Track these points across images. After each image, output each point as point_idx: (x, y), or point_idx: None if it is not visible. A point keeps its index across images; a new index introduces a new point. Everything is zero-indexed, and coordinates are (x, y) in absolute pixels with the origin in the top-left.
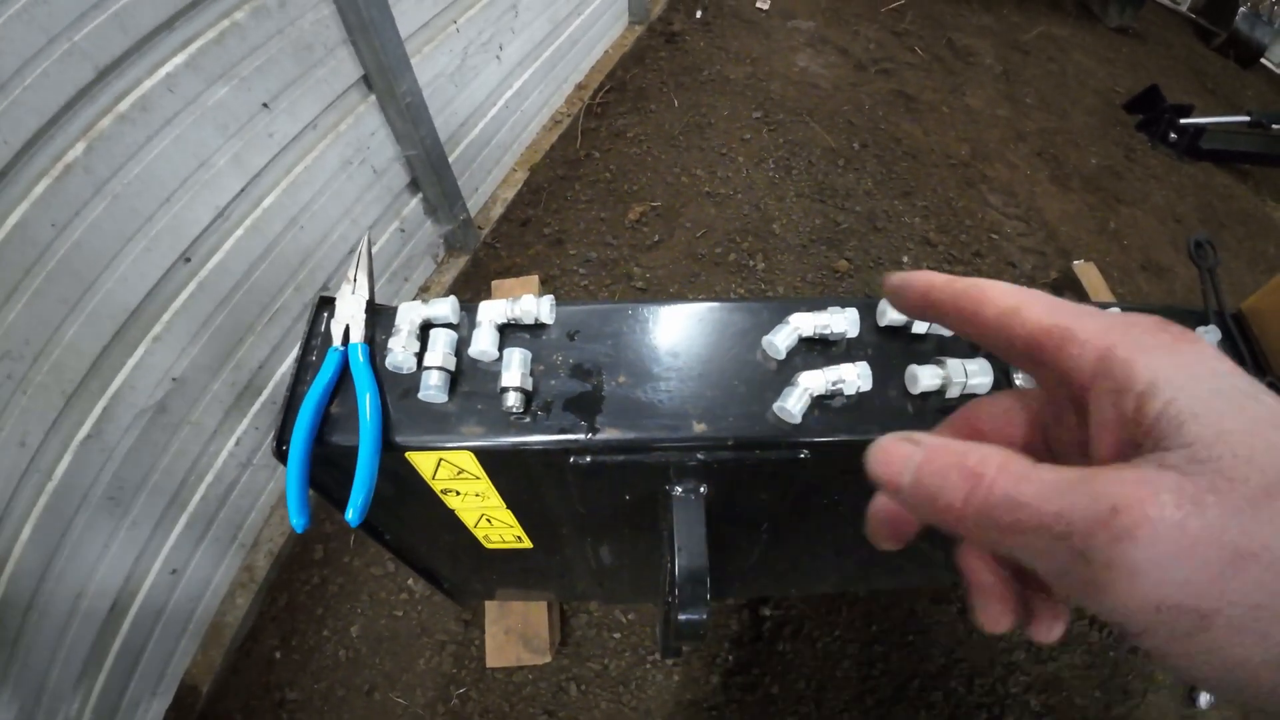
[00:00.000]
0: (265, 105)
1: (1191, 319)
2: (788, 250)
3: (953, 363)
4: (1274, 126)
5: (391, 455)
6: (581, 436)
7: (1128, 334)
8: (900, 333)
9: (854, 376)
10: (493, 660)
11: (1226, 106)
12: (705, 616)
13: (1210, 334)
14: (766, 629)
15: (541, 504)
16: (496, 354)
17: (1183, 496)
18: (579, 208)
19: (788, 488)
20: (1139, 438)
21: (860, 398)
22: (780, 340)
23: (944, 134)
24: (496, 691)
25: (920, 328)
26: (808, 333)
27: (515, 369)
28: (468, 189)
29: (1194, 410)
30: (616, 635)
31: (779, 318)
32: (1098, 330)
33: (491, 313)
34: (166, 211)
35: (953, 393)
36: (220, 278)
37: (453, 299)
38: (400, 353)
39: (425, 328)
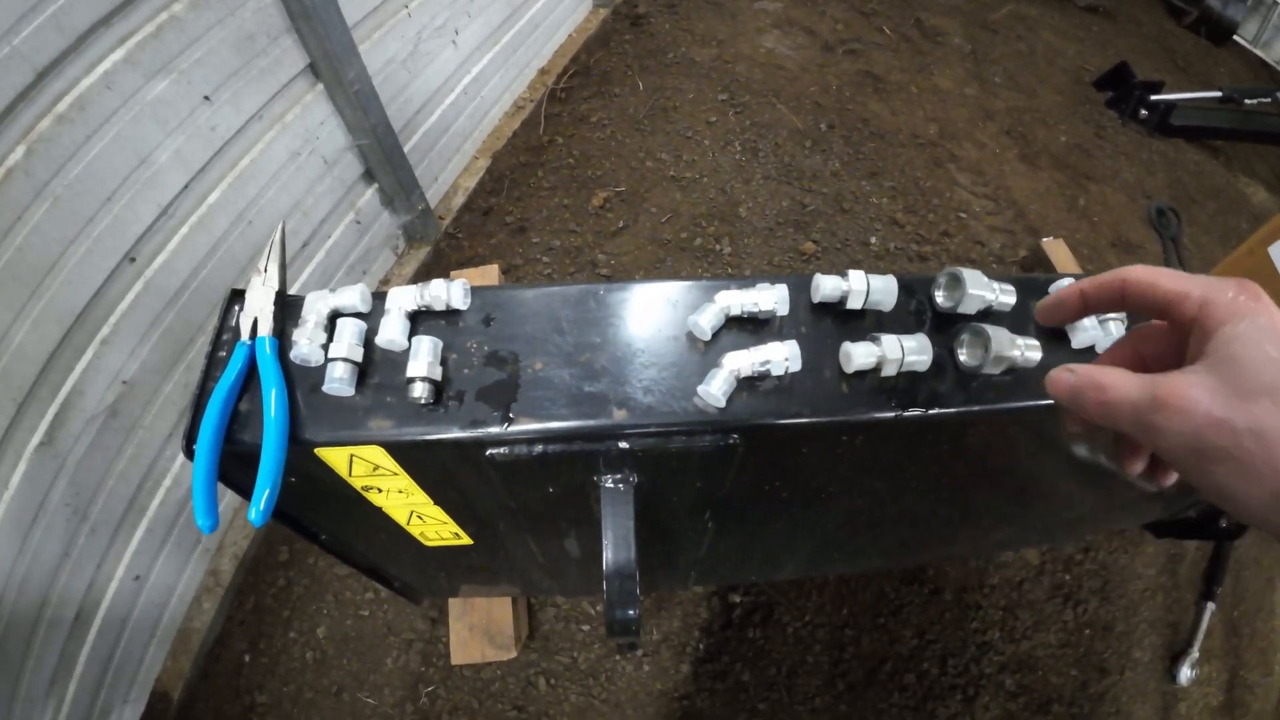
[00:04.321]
0: (206, 98)
1: None
2: (754, 233)
3: (888, 339)
4: (1246, 101)
5: (301, 452)
6: (495, 428)
7: (1213, 295)
8: (834, 309)
9: (781, 356)
10: (457, 658)
11: (1198, 84)
12: (636, 613)
13: None
14: (736, 616)
15: (470, 500)
16: (406, 343)
17: (1197, 389)
18: (542, 195)
19: (724, 474)
20: (1205, 355)
21: (791, 379)
22: (705, 320)
23: (912, 114)
24: (465, 688)
25: (855, 303)
26: (735, 311)
27: (423, 358)
28: (426, 178)
29: (1227, 343)
30: (585, 628)
31: (707, 297)
32: (1203, 292)
33: (401, 300)
34: (108, 211)
35: (889, 371)
36: (167, 277)
37: (361, 286)
38: (306, 345)
39: (334, 318)
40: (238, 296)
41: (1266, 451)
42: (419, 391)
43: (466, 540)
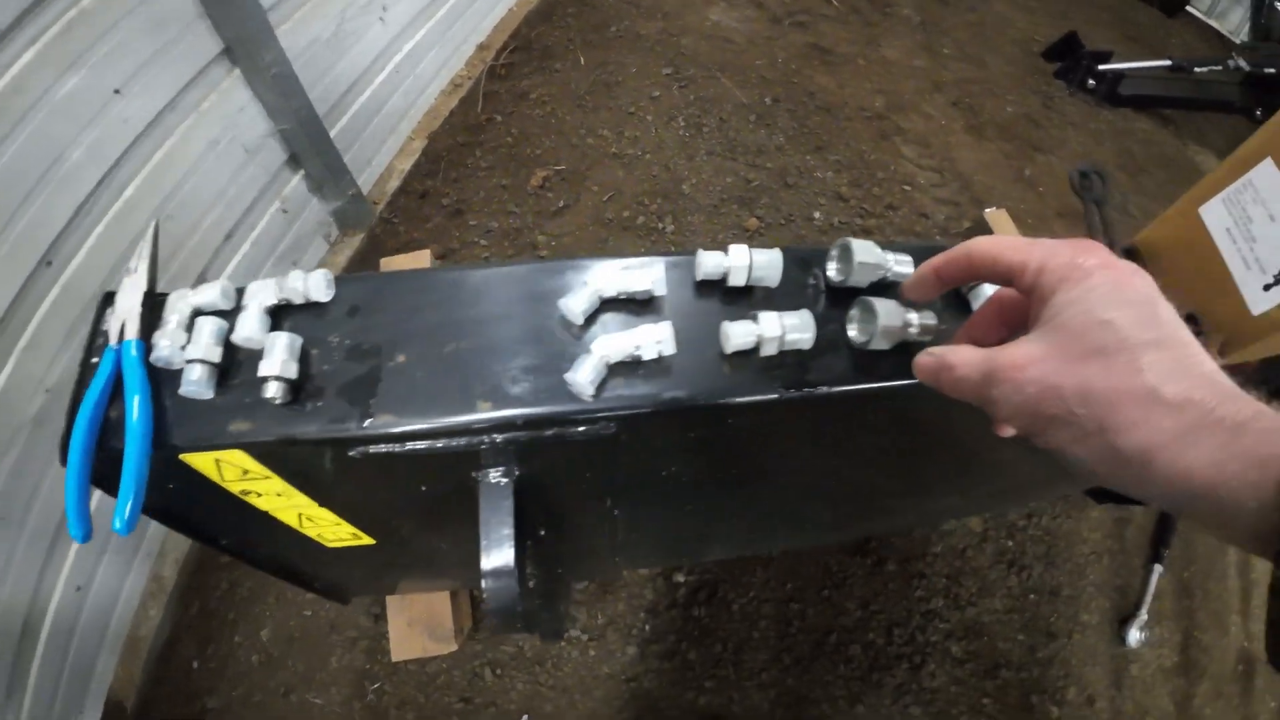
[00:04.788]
0: (117, 91)
1: None
2: (698, 211)
3: (766, 317)
4: (1197, 70)
5: (168, 458)
6: (353, 427)
7: (1049, 261)
8: (717, 287)
9: (653, 340)
10: (397, 654)
11: (1149, 54)
12: (519, 609)
13: None
14: (681, 596)
15: (353, 500)
16: (264, 340)
17: (1029, 358)
18: (480, 176)
19: (613, 463)
20: (1040, 323)
21: (672, 361)
22: (576, 304)
23: (859, 86)
24: (411, 683)
25: (738, 280)
26: (609, 293)
27: (276, 356)
28: (359, 161)
29: (1058, 310)
30: None
31: (580, 279)
32: (1040, 260)
33: (260, 294)
34: (24, 214)
35: (769, 350)
36: (85, 278)
37: (222, 282)
38: (166, 347)
39: (196, 316)
40: (110, 299)
41: (1094, 412)
42: (272, 391)
43: (368, 540)
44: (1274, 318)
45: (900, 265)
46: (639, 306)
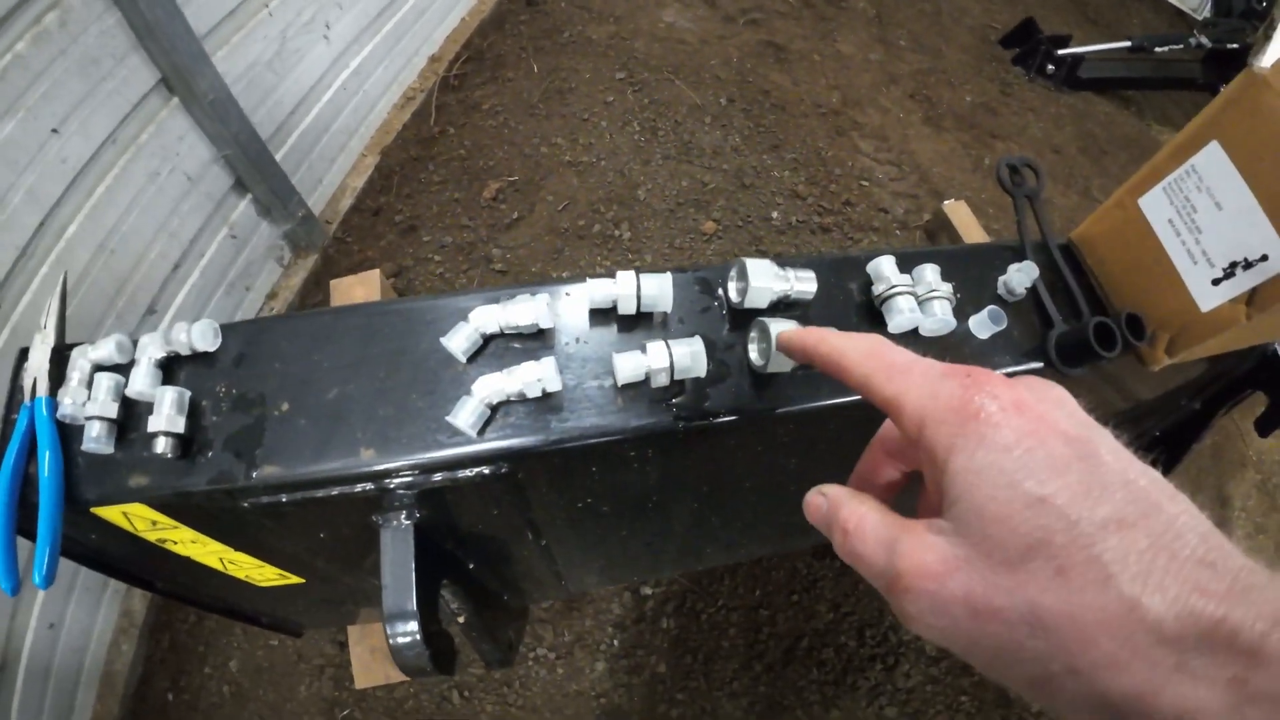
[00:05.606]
0: (54, 131)
1: (1009, 254)
2: (654, 216)
3: (654, 347)
4: (1157, 50)
5: (81, 512)
6: (240, 479)
7: (930, 412)
8: (609, 315)
9: (534, 378)
10: (361, 681)
11: (1109, 36)
12: (421, 653)
13: (1026, 270)
14: (649, 609)
15: (268, 544)
16: (154, 394)
17: (945, 564)
18: (432, 190)
19: (517, 500)
20: (940, 498)
21: (560, 397)
22: (457, 343)
23: (814, 83)
24: (379, 709)
25: (627, 308)
26: (491, 330)
27: (163, 411)
28: (309, 182)
29: (966, 489)
30: None
31: (464, 315)
32: (918, 405)
33: (150, 348)
34: None
35: (659, 381)
36: (31, 320)
37: (118, 336)
38: (69, 404)
39: (96, 372)
40: (25, 355)
41: (1055, 647)
42: (161, 446)
43: (296, 580)
44: (1225, 314)
45: (803, 284)
46: (528, 340)
